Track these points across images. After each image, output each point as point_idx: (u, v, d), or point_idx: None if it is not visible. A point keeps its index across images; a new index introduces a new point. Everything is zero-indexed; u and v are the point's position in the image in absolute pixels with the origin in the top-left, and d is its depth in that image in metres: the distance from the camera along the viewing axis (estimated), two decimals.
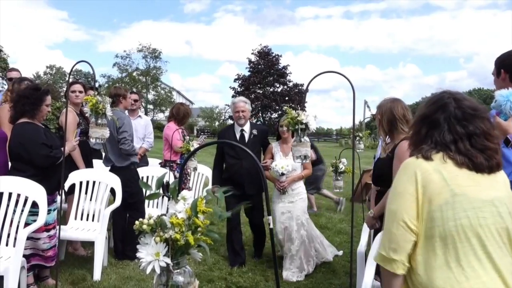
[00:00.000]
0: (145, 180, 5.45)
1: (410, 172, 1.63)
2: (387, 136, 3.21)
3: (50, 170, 3.90)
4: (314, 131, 3.23)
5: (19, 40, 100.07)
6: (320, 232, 6.78)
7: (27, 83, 4.49)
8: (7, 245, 3.72)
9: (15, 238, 3.66)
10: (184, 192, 1.36)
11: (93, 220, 4.76)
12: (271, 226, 1.35)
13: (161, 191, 1.42)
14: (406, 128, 3.06)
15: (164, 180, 1.40)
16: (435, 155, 1.64)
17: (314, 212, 7.99)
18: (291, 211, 4.81)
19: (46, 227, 3.86)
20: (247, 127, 5.07)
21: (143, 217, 1.40)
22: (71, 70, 3.69)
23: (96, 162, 5.53)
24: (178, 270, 1.33)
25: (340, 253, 5.46)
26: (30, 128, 3.88)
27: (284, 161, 4.71)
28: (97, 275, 4.34)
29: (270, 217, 1.35)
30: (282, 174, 4.63)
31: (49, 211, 3.82)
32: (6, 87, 5.95)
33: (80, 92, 4.98)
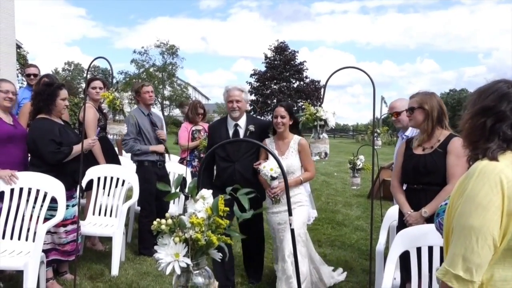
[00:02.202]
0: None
1: (493, 181, 1.41)
2: (425, 133, 3.13)
3: (66, 166, 3.94)
4: (333, 127, 3.18)
5: (38, 37, 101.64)
6: (337, 228, 6.78)
7: (43, 80, 4.57)
8: (26, 240, 3.76)
9: (35, 233, 3.70)
10: (204, 191, 1.34)
11: (110, 216, 4.79)
12: (293, 226, 1.31)
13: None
14: (447, 123, 3.11)
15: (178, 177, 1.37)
16: (503, 155, 1.46)
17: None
18: (287, 221, 3.79)
19: (63, 222, 3.89)
20: (242, 122, 4.17)
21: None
22: (89, 66, 3.70)
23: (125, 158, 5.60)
24: (198, 271, 1.31)
25: (341, 278, 4.47)
26: (43, 124, 3.95)
27: (273, 162, 3.67)
28: (114, 270, 4.38)
29: (292, 217, 1.32)
30: (273, 178, 3.70)
31: (67, 207, 3.85)
32: (25, 83, 5.99)
33: (101, 88, 5.00)
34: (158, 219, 1.35)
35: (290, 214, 1.29)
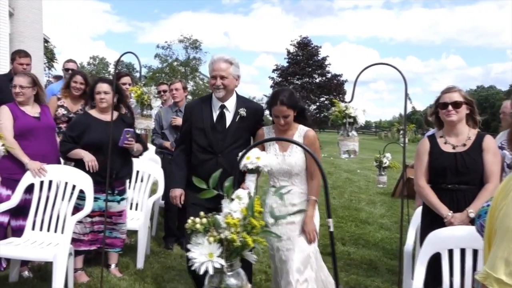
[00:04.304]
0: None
1: None
2: (459, 130, 3.07)
3: (100, 161, 3.97)
4: (362, 125, 3.12)
5: (64, 32, 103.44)
6: (361, 226, 6.70)
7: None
8: (55, 231, 3.83)
9: (63, 225, 3.77)
10: (239, 191, 1.32)
11: (136, 210, 4.83)
12: (332, 229, 1.28)
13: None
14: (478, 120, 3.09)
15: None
16: None
17: None
18: (291, 237, 3.10)
19: (91, 214, 3.93)
20: (231, 103, 3.31)
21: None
22: (118, 61, 3.73)
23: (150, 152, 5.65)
24: (231, 272, 1.29)
25: None
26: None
27: (258, 153, 2.85)
28: (140, 263, 4.42)
29: (331, 220, 1.28)
30: (250, 170, 2.84)
31: (96, 199, 3.90)
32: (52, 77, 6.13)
33: (129, 84, 5.06)
34: (192, 218, 1.34)
35: (329, 216, 1.26)
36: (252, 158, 2.78)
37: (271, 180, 3.21)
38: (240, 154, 1.76)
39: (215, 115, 3.31)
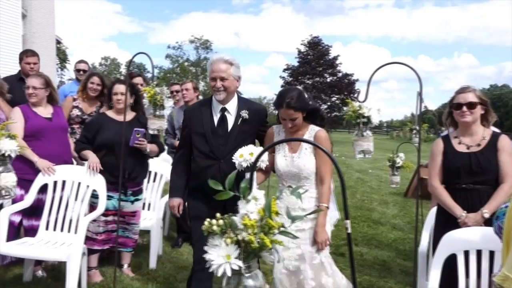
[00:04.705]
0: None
1: None
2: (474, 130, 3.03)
3: (103, 161, 4.01)
4: (377, 124, 3.09)
5: (76, 33, 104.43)
6: (374, 226, 6.66)
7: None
8: (69, 231, 3.85)
9: (76, 225, 3.79)
10: (256, 192, 1.31)
11: (148, 210, 4.85)
12: (349, 230, 1.26)
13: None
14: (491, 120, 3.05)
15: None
16: None
17: None
18: (301, 245, 2.94)
19: (105, 212, 3.94)
20: (232, 105, 3.13)
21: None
22: (130, 62, 3.74)
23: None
24: (249, 274, 1.28)
25: None
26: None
27: (251, 148, 2.68)
28: (152, 263, 4.44)
29: (348, 221, 1.26)
30: (248, 169, 2.64)
31: (109, 198, 3.93)
32: (66, 77, 6.20)
33: (141, 85, 5.08)
34: (209, 219, 1.33)
35: (346, 217, 1.24)
36: (246, 155, 2.62)
37: (280, 183, 3.10)
38: (255, 156, 1.72)
39: (216, 119, 3.11)
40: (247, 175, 2.45)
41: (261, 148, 2.71)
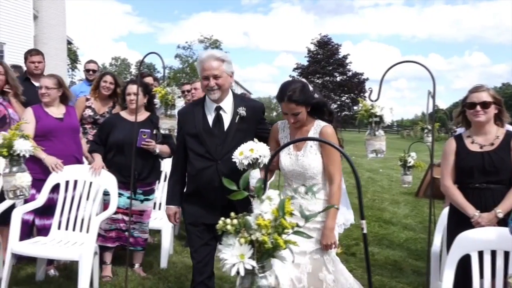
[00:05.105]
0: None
1: None
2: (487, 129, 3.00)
3: (113, 160, 4.05)
4: (389, 124, 3.06)
5: (87, 34, 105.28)
6: (385, 226, 6.61)
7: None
8: (80, 231, 3.88)
9: (88, 225, 3.81)
10: (270, 192, 1.30)
11: (159, 209, 4.86)
12: (365, 231, 1.24)
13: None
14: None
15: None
16: None
17: None
18: (307, 250, 2.78)
19: (116, 210, 3.96)
20: (227, 104, 2.95)
21: None
22: (141, 62, 3.76)
23: None
24: (263, 274, 1.27)
25: None
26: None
27: (251, 144, 2.56)
28: (163, 263, 4.45)
29: (364, 222, 1.25)
30: (249, 165, 2.52)
31: (119, 195, 3.95)
32: (76, 77, 6.25)
33: (152, 85, 5.09)
34: (223, 218, 1.32)
35: (362, 217, 1.22)
36: (246, 151, 2.47)
37: (286, 182, 2.97)
38: (269, 158, 1.66)
39: (210, 119, 2.93)
40: (253, 173, 2.46)
41: (263, 144, 2.56)
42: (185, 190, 3.10)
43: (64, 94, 4.17)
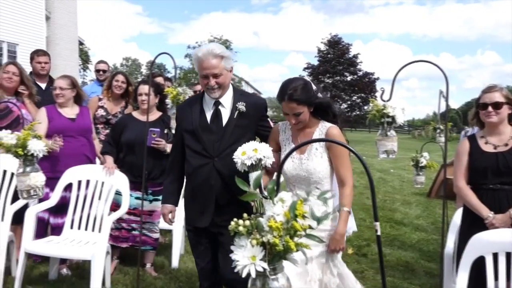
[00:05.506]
0: None
1: None
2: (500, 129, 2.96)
3: (125, 160, 4.08)
4: (402, 124, 3.04)
5: (98, 34, 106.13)
6: (396, 227, 6.56)
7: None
8: (93, 230, 3.90)
9: (100, 224, 3.84)
10: (283, 194, 1.29)
11: None
12: (379, 233, 1.23)
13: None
14: None
15: None
16: None
17: None
18: (313, 255, 2.57)
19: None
20: (226, 98, 2.79)
21: None
22: (153, 63, 3.77)
23: None
24: (274, 276, 1.27)
25: None
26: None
27: (254, 144, 2.41)
28: (175, 262, 4.46)
29: (378, 223, 1.23)
30: (251, 166, 2.36)
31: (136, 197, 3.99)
32: (88, 78, 6.30)
33: (162, 85, 5.12)
34: (235, 219, 1.32)
35: (376, 219, 1.21)
36: (249, 151, 2.32)
37: (288, 187, 2.78)
38: (281, 160, 1.55)
39: (208, 115, 2.78)
40: (252, 175, 2.30)
41: (265, 144, 2.42)
42: (184, 190, 3.00)
43: (78, 94, 4.22)
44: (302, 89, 2.54)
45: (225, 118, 2.75)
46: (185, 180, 2.96)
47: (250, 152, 2.31)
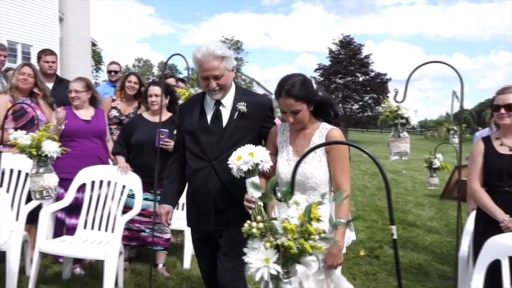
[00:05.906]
0: None
1: None
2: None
3: (135, 161, 4.11)
4: (415, 126, 3.01)
5: (110, 35, 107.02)
6: (409, 229, 6.50)
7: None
8: (106, 230, 3.93)
9: (113, 224, 3.87)
10: (297, 197, 1.28)
11: (182, 210, 4.88)
12: (395, 236, 1.21)
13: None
14: None
15: None
16: None
17: None
18: (310, 272, 2.21)
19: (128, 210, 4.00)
20: (228, 98, 2.66)
21: None
22: (166, 64, 3.79)
23: None
24: (287, 279, 1.26)
25: None
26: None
27: (250, 148, 2.24)
28: (186, 263, 4.47)
29: (394, 227, 1.21)
30: (247, 172, 2.21)
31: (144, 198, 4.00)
32: (101, 78, 6.35)
33: (175, 86, 5.15)
34: (248, 221, 1.31)
35: (392, 223, 1.20)
36: (245, 156, 2.17)
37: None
38: (294, 165, 1.42)
39: (209, 115, 2.67)
40: (249, 180, 2.17)
41: (262, 148, 2.26)
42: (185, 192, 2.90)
43: (93, 96, 4.27)
44: (300, 84, 2.36)
45: (225, 119, 2.64)
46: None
47: (246, 156, 2.17)
